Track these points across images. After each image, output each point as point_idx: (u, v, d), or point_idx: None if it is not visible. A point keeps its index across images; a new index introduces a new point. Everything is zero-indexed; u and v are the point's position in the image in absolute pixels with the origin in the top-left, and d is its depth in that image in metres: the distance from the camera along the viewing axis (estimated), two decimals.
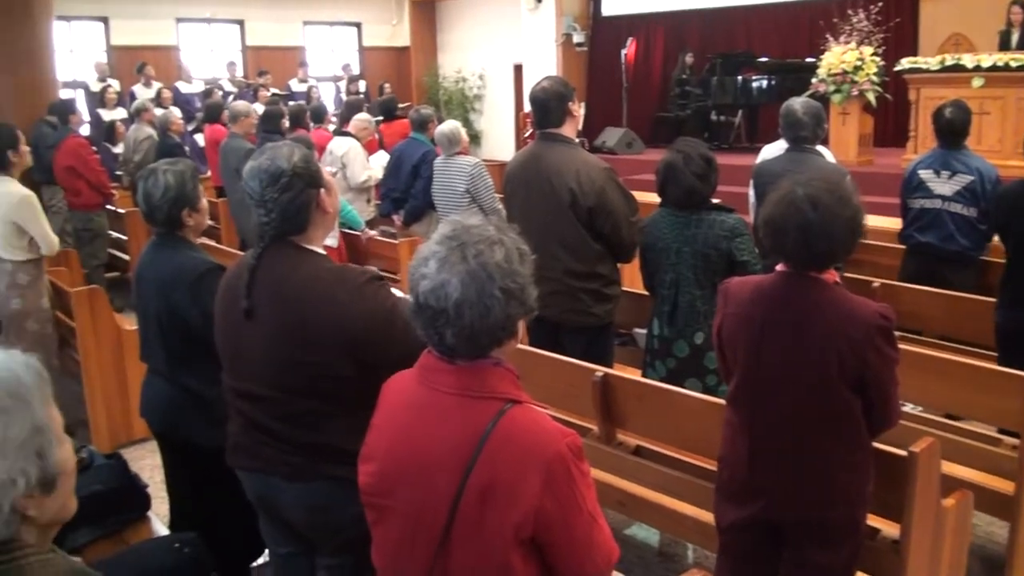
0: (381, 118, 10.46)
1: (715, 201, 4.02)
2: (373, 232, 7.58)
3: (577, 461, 1.78)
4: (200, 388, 3.32)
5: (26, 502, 1.47)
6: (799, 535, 2.71)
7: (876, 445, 2.76)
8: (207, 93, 12.74)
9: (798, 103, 4.94)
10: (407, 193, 7.51)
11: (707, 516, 3.10)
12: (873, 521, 2.90)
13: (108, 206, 8.92)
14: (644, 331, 4.26)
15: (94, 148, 9.11)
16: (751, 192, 5.20)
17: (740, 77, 12.46)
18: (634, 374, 3.91)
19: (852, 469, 2.66)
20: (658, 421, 3.43)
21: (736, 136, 13.23)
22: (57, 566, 1.52)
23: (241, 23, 16.24)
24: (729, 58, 12.85)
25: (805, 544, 2.70)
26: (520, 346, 2.13)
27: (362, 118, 8.38)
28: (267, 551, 3.04)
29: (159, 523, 3.44)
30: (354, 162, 7.80)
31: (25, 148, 5.66)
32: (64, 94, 10.14)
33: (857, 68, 9.86)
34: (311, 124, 9.12)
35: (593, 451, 3.53)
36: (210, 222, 9.47)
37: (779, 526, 2.74)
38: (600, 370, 3.57)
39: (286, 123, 8.26)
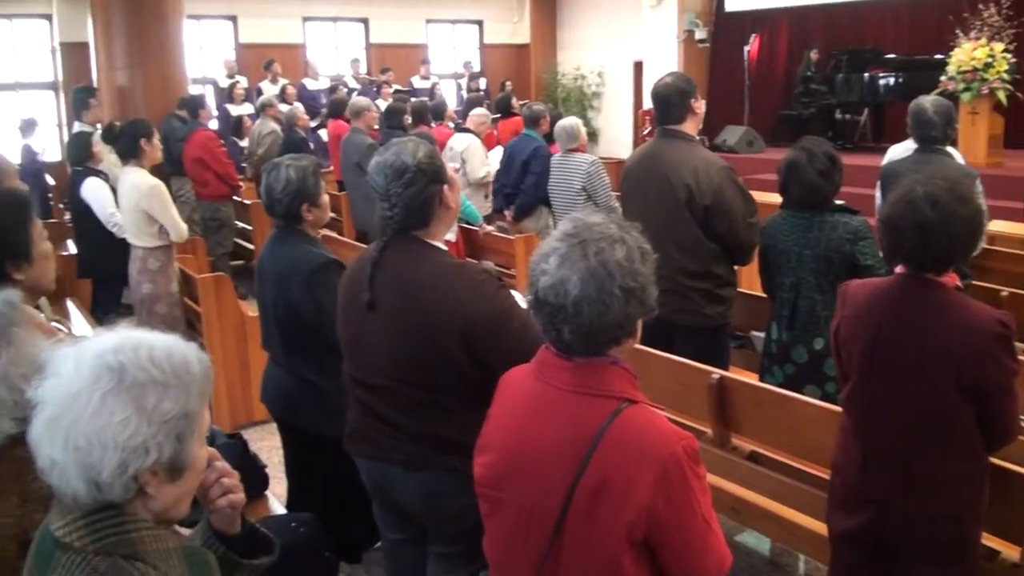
0: (499, 115, 10.52)
1: (839, 203, 3.90)
2: (490, 227, 7.64)
3: (692, 464, 1.75)
4: (314, 378, 3.39)
5: (149, 477, 1.49)
6: (909, 550, 2.62)
7: (995, 461, 2.65)
8: (332, 89, 13.01)
9: (928, 101, 4.76)
10: (518, 188, 7.53)
11: (821, 527, 3.03)
12: (991, 542, 2.79)
13: (235, 197, 9.22)
14: (761, 334, 4.17)
15: (222, 141, 9.43)
16: (877, 194, 5.04)
17: (867, 74, 12.07)
18: (750, 378, 3.83)
19: (964, 482, 2.57)
20: (775, 427, 3.36)
21: (861, 135, 12.84)
22: (169, 541, 1.55)
23: (365, 21, 16.55)
24: (855, 55, 12.48)
25: (915, 560, 2.61)
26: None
27: (479, 113, 8.43)
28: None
29: (276, 502, 3.53)
30: (473, 158, 7.87)
31: (157, 141, 5.90)
32: (193, 90, 10.52)
33: (988, 65, 9.44)
34: (432, 121, 9.22)
35: (706, 455, 3.44)
36: (332, 214, 9.72)
37: (890, 540, 2.65)
38: (717, 372, 3.52)
39: (408, 119, 8.37)
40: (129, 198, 5.68)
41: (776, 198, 4.00)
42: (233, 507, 1.77)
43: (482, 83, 16.06)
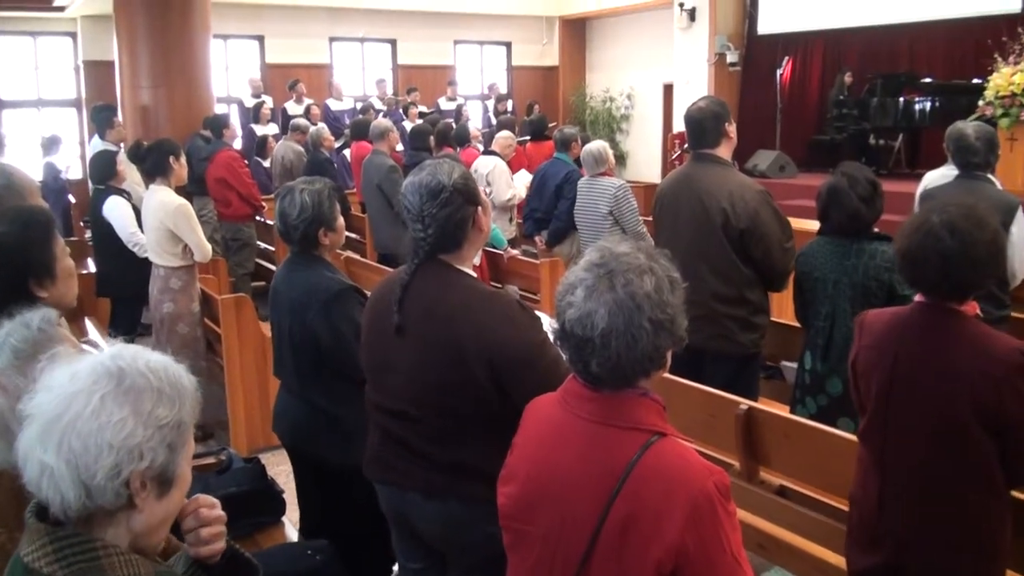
0: (528, 137, 10.54)
1: (875, 231, 3.88)
2: (515, 251, 7.64)
3: (724, 501, 1.74)
4: (329, 406, 3.38)
5: (139, 488, 1.51)
6: None
7: (1017, 495, 2.62)
8: (362, 110, 13.10)
9: (970, 127, 4.73)
10: (550, 213, 7.54)
11: None
12: None
13: (257, 217, 9.28)
14: (792, 364, 4.13)
15: (245, 162, 9.50)
16: None
17: (902, 98, 12.00)
18: (780, 409, 3.79)
19: (984, 517, 2.52)
20: (805, 461, 3.32)
21: (895, 161, 12.75)
22: (140, 567, 1.55)
23: (393, 42, 16.67)
24: (890, 78, 12.40)
25: None
26: None
27: (505, 135, 8.46)
28: (397, 565, 3.07)
29: (293, 529, 3.52)
30: (499, 180, 7.90)
31: (184, 160, 5.95)
32: (218, 110, 10.62)
33: None
34: (457, 144, 9.25)
35: (733, 488, 3.39)
36: (355, 236, 9.71)
37: None
38: (744, 403, 3.48)
39: (432, 141, 8.42)
40: (155, 216, 5.73)
41: (808, 224, 3.98)
42: (210, 557, 1.76)
43: (509, 105, 16.11)
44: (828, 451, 3.19)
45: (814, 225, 4.01)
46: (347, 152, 11.60)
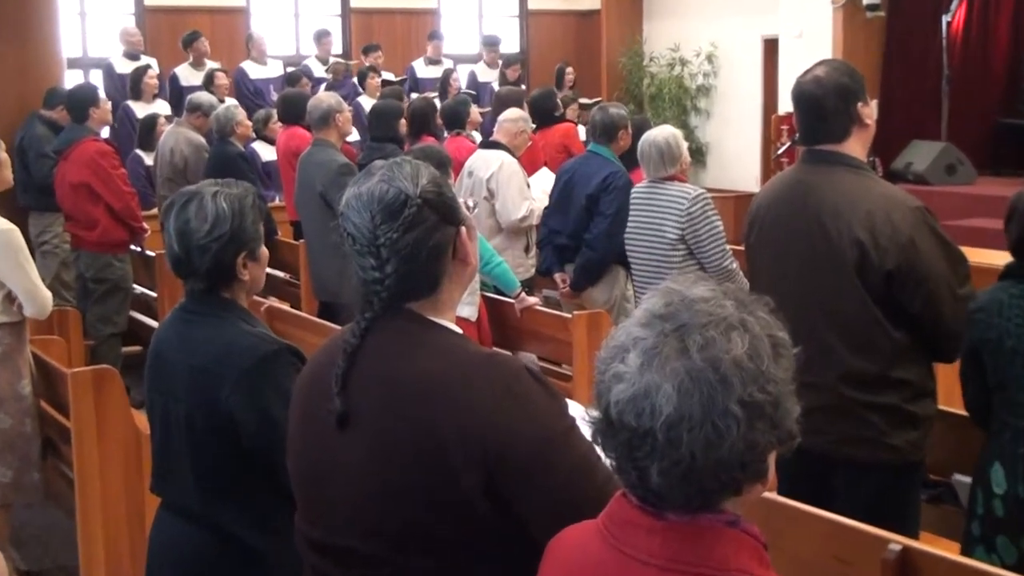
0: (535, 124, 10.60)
1: None
2: (533, 299, 7.57)
3: None
4: (245, 533, 3.39)
5: None
6: None
7: None
8: (291, 79, 13.15)
9: None
10: (578, 238, 7.55)
11: None
12: None
13: (134, 247, 9.32)
14: (970, 479, 4.12)
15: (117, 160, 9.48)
16: None
17: None
18: (954, 551, 3.76)
19: None
20: None
21: None
22: None
23: None
24: None
25: None
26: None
27: (512, 117, 8.38)
28: None
29: None
30: (507, 186, 7.87)
31: (5, 157, 5.94)
32: (72, 79, 10.64)
33: None
34: (445, 130, 9.29)
35: None
36: (282, 274, 9.71)
37: None
38: (898, 540, 3.46)
39: (404, 126, 8.45)
40: None
41: (995, 258, 3.97)
42: None
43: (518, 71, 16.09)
44: None
45: (1004, 257, 4.00)
46: (257, 146, 11.61)
